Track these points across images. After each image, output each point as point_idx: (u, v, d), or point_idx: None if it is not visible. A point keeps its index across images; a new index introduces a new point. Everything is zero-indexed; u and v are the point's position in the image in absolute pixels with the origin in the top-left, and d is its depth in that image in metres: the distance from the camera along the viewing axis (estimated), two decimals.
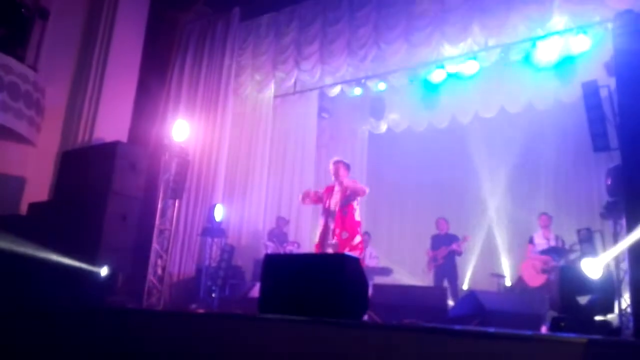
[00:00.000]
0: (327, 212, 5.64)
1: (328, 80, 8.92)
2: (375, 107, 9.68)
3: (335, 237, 5.45)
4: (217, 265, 7.56)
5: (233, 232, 8.56)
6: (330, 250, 5.46)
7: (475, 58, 7.64)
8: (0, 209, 6.90)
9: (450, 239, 8.26)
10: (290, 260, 4.14)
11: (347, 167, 5.87)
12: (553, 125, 8.73)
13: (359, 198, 5.71)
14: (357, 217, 5.63)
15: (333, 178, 5.77)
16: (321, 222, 5.72)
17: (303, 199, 5.93)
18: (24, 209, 7.27)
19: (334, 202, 5.62)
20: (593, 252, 5.70)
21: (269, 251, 8.01)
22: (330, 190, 5.76)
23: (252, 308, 4.02)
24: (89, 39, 8.60)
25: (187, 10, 9.78)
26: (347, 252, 5.27)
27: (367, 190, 5.74)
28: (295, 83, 9.10)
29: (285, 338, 2.75)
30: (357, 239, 5.51)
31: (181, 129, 7.60)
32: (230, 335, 2.94)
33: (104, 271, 5.43)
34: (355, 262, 3.40)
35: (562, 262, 6.72)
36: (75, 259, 5.26)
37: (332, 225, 5.52)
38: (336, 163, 5.80)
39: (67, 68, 8.50)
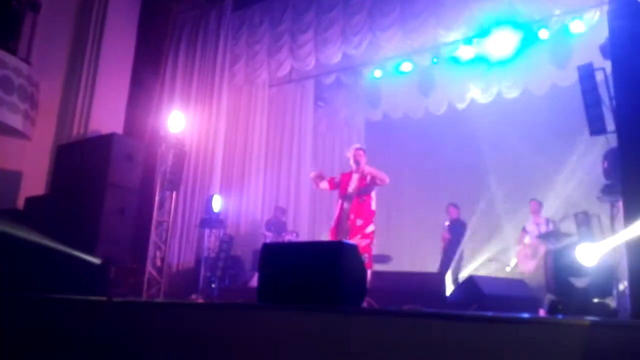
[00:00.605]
0: (344, 198, 5.55)
1: (323, 68, 8.88)
2: (371, 95, 9.65)
3: (349, 223, 5.39)
4: (216, 256, 7.58)
5: (231, 222, 8.57)
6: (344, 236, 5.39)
7: (470, 43, 7.61)
8: None
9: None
10: (287, 248, 4.13)
11: (365, 153, 5.73)
12: (550, 110, 8.71)
13: (376, 188, 5.58)
14: (374, 206, 5.54)
15: (353, 164, 5.64)
16: (338, 207, 5.62)
17: (316, 182, 5.78)
18: (20, 203, 7.26)
19: (352, 188, 5.55)
20: (590, 235, 5.71)
21: (268, 241, 8.01)
22: (347, 176, 5.66)
23: (252, 297, 4.03)
24: (82, 31, 8.54)
25: (180, 0, 9.71)
26: (358, 239, 5.22)
27: (388, 180, 5.53)
28: (290, 72, 9.06)
29: (285, 326, 2.76)
30: (371, 227, 5.40)
31: (177, 120, 7.58)
32: (230, 325, 2.95)
33: (99, 262, 5.43)
34: (353, 249, 3.40)
35: (557, 246, 6.76)
36: (73, 251, 5.26)
37: (348, 210, 5.45)
38: (358, 150, 5.68)
39: (60, 61, 8.45)
